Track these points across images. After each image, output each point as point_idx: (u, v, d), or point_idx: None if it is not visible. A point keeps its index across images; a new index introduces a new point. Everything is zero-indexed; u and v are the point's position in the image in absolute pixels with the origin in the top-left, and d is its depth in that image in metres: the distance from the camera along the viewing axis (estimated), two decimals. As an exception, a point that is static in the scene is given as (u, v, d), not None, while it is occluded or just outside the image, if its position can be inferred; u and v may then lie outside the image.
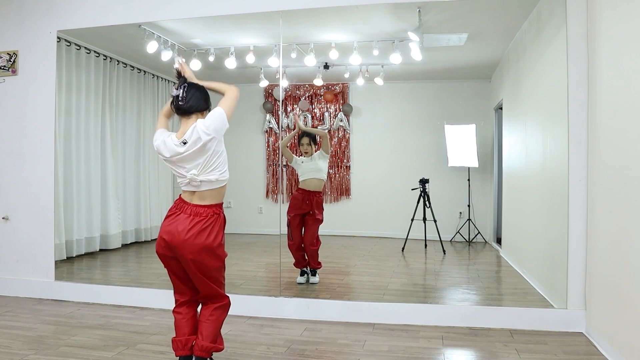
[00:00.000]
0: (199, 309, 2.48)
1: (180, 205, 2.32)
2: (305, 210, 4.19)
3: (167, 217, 2.32)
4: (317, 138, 4.32)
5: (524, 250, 4.29)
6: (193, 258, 2.24)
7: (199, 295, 2.42)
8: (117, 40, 4.56)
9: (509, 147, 4.86)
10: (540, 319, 3.19)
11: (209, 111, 2.34)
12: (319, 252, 4.21)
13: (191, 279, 2.36)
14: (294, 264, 4.20)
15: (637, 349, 2.34)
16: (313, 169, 4.20)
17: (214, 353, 2.44)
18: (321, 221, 4.23)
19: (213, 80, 2.44)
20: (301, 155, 4.30)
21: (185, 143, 2.24)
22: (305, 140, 4.26)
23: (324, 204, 4.31)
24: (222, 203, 2.37)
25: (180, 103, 2.28)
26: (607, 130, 2.80)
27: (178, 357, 2.37)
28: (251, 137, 5.62)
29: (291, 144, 5.52)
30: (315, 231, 4.20)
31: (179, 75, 2.35)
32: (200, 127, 2.23)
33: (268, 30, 4.22)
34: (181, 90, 2.27)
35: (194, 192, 2.30)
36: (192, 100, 2.29)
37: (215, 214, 2.30)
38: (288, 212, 4.22)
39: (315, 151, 4.31)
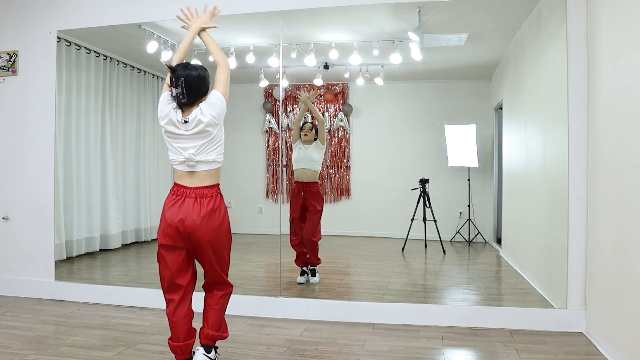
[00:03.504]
0: (192, 303, 2.47)
1: (180, 190, 2.30)
2: (301, 201, 4.18)
3: (169, 205, 2.29)
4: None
5: (524, 250, 4.29)
6: (210, 239, 2.27)
7: (205, 282, 2.44)
8: (117, 40, 4.55)
9: (509, 147, 4.86)
10: (540, 319, 3.19)
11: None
12: (318, 248, 4.20)
13: (203, 264, 2.38)
14: (295, 260, 4.19)
15: (637, 349, 2.34)
16: (306, 158, 4.20)
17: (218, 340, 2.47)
18: (320, 212, 4.20)
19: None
20: (302, 142, 4.30)
21: (186, 122, 2.25)
22: (308, 125, 4.28)
23: (322, 195, 4.29)
24: (219, 184, 2.39)
25: (183, 100, 2.28)
26: (607, 130, 2.80)
27: None
28: (251, 137, 5.63)
29: (291, 143, 5.52)
30: (316, 223, 4.18)
31: (172, 69, 2.31)
32: (205, 112, 2.26)
33: (268, 30, 4.22)
34: (180, 88, 2.26)
35: (192, 174, 2.30)
36: (193, 92, 2.28)
37: (218, 193, 2.35)
38: (290, 209, 4.23)
39: (315, 140, 4.33)
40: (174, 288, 2.35)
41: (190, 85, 2.26)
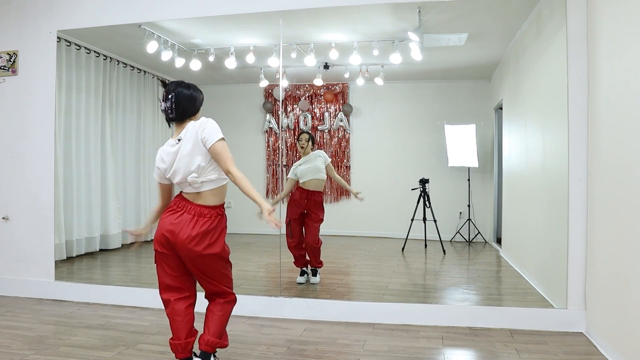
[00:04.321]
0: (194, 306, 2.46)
1: (181, 203, 2.29)
2: (302, 209, 4.18)
3: (168, 213, 2.29)
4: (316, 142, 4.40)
5: (524, 250, 4.29)
6: (196, 261, 2.26)
7: (205, 293, 2.43)
8: (117, 40, 4.56)
9: (509, 147, 4.86)
10: (540, 319, 3.19)
11: (199, 112, 2.36)
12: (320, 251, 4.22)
13: (196, 278, 2.38)
14: (294, 263, 4.20)
15: (637, 349, 2.34)
16: (312, 169, 4.19)
17: (218, 348, 2.45)
18: (322, 220, 4.22)
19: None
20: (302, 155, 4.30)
21: (180, 140, 2.26)
22: (304, 136, 4.27)
23: (324, 204, 4.30)
24: (224, 203, 2.36)
25: (170, 115, 2.30)
26: (607, 130, 2.80)
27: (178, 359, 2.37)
28: (251, 137, 5.63)
29: (291, 143, 5.54)
30: (317, 230, 4.19)
31: (164, 84, 2.34)
32: (197, 133, 2.24)
33: (268, 30, 4.22)
34: (169, 103, 2.27)
35: (198, 193, 2.29)
36: (181, 110, 2.29)
37: (218, 214, 2.31)
38: (287, 212, 4.22)
39: (312, 149, 4.32)
40: (169, 289, 2.35)
41: (180, 102, 2.27)
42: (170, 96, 2.27)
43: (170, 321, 2.36)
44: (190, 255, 2.24)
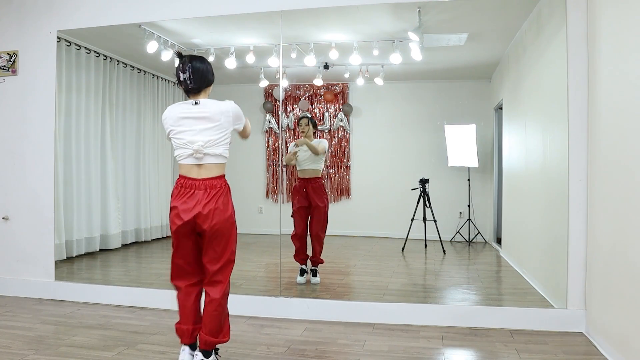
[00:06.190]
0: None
1: (188, 183, 2.34)
2: (305, 198, 4.18)
3: (178, 197, 2.34)
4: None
5: (524, 250, 4.29)
6: (215, 229, 2.31)
7: (205, 280, 2.44)
8: (117, 40, 4.56)
9: (509, 147, 4.86)
10: (540, 319, 3.19)
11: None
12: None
13: (206, 254, 2.39)
14: (293, 256, 4.17)
15: (637, 349, 2.34)
16: (308, 158, 4.21)
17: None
18: (324, 208, 4.21)
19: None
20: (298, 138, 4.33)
21: (197, 103, 2.36)
22: (304, 120, 4.29)
23: (326, 192, 4.32)
24: (225, 174, 2.43)
25: (190, 86, 2.38)
26: (607, 130, 2.80)
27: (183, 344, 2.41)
28: (251, 137, 5.57)
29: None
30: (321, 219, 4.19)
31: (180, 55, 2.42)
32: (221, 110, 2.38)
33: (268, 30, 4.22)
34: (187, 73, 2.36)
35: (200, 167, 2.34)
36: (199, 79, 2.38)
37: (225, 184, 2.41)
38: (292, 203, 4.24)
39: (315, 134, 4.34)
40: (182, 274, 2.43)
41: (197, 71, 2.37)
42: (187, 67, 2.36)
43: (180, 307, 2.41)
44: (210, 224, 2.29)
